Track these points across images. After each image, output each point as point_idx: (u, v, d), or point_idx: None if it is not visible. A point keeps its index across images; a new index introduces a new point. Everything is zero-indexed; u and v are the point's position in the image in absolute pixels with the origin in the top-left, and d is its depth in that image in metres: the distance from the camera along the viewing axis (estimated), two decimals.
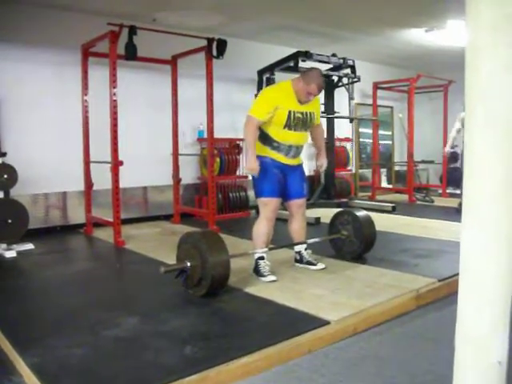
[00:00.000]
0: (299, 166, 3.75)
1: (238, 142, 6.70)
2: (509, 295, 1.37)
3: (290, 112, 3.46)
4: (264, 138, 3.55)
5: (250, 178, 3.75)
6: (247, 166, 3.52)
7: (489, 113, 1.31)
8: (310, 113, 3.58)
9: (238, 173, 6.69)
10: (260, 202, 3.62)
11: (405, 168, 8.89)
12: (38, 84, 5.42)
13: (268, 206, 3.56)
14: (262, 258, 3.55)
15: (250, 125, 3.45)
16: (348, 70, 6.82)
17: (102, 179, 5.28)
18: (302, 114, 3.52)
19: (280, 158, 3.56)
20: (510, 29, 1.28)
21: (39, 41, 5.40)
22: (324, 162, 3.83)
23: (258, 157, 3.54)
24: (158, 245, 4.85)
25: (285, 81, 3.62)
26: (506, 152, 1.32)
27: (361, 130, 9.16)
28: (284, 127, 3.48)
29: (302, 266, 3.79)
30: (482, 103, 1.33)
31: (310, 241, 3.86)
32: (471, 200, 1.39)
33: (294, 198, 3.71)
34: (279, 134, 3.50)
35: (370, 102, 8.63)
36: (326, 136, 7.18)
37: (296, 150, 3.61)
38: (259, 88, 6.51)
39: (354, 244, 3.99)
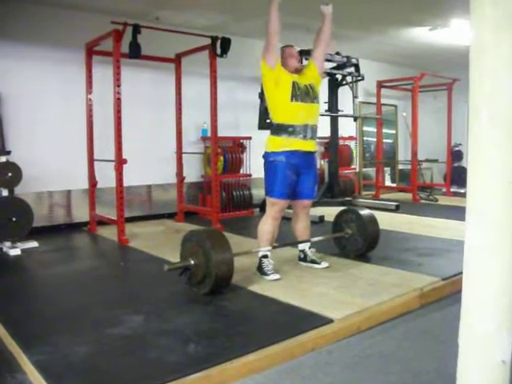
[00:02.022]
0: (313, 161, 3.74)
1: (241, 141, 6.70)
2: None
3: (293, 82, 3.52)
4: (277, 129, 3.52)
5: (263, 176, 3.69)
6: None
7: (493, 111, 1.31)
8: (309, 84, 3.63)
9: (241, 171, 6.69)
10: (268, 200, 3.62)
11: (409, 167, 8.85)
12: (43, 83, 5.43)
13: (276, 206, 3.56)
14: (265, 257, 3.55)
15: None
16: (352, 69, 6.80)
17: (106, 177, 5.30)
18: (303, 85, 3.58)
19: (297, 144, 3.49)
20: None
21: (43, 39, 5.40)
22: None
23: (273, 154, 3.53)
24: (161, 243, 4.85)
25: None
26: (510, 150, 1.32)
27: (365, 128, 9.13)
28: (291, 99, 3.48)
29: (305, 264, 3.79)
30: (486, 102, 1.33)
31: (314, 239, 3.86)
32: (475, 199, 1.39)
33: (303, 199, 3.70)
34: (289, 110, 3.47)
35: (374, 100, 8.60)
36: (330, 134, 7.20)
37: (312, 130, 3.55)
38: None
39: (357, 242, 4.00)
